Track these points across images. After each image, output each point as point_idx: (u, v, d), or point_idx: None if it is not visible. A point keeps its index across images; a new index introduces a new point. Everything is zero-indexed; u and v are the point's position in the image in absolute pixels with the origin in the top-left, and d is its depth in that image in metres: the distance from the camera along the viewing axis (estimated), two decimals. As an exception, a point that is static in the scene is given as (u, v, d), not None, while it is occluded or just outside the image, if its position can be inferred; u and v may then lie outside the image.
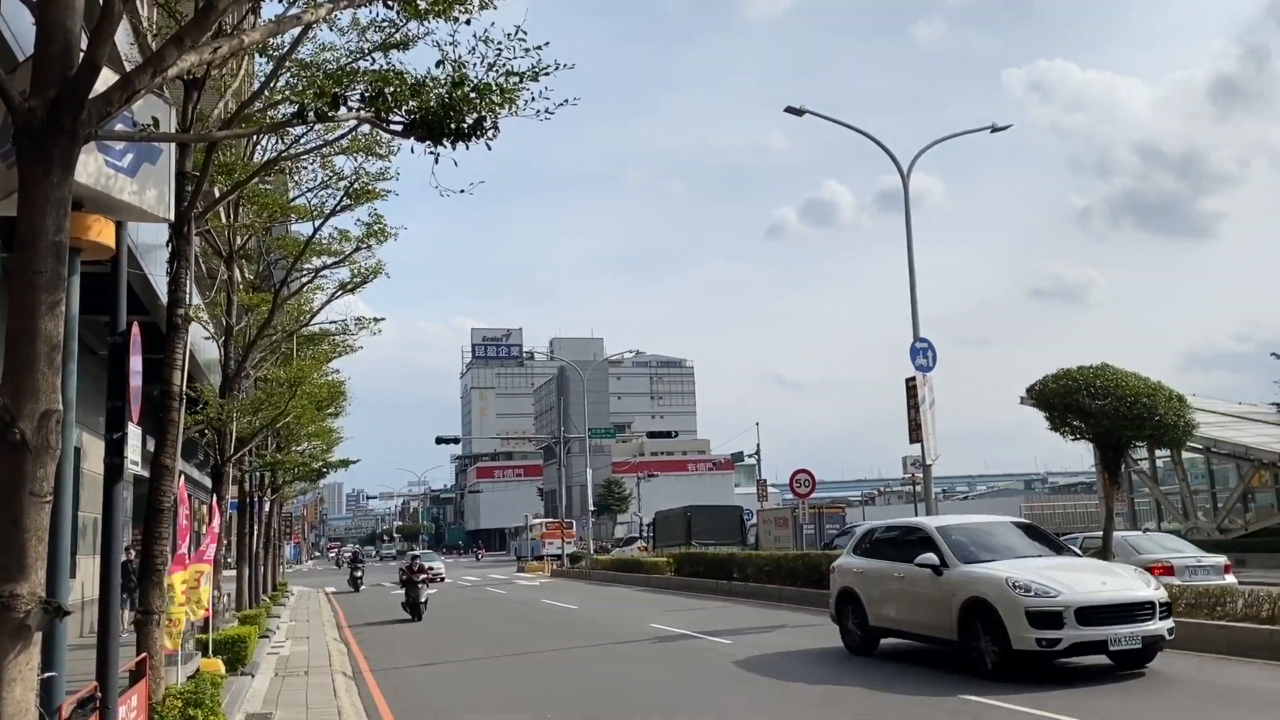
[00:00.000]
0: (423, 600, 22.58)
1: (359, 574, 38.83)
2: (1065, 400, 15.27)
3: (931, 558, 11.71)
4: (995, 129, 21.97)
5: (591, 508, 50.36)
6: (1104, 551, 15.40)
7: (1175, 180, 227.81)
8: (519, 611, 24.69)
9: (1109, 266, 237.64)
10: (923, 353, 19.30)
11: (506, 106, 6.75)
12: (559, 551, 52.23)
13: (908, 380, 19.30)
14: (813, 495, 30.91)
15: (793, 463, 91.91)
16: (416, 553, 28.24)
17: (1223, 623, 12.28)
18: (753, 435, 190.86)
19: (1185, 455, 37.81)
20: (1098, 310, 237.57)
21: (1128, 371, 15.56)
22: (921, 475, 20.67)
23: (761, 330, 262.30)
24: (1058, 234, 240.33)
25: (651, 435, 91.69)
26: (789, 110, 21.08)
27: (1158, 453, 39.34)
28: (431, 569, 22.68)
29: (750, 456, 76.10)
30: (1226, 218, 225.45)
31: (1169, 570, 16.15)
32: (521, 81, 6.91)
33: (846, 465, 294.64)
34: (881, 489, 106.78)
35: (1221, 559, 17.39)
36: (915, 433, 19.07)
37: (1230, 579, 16.27)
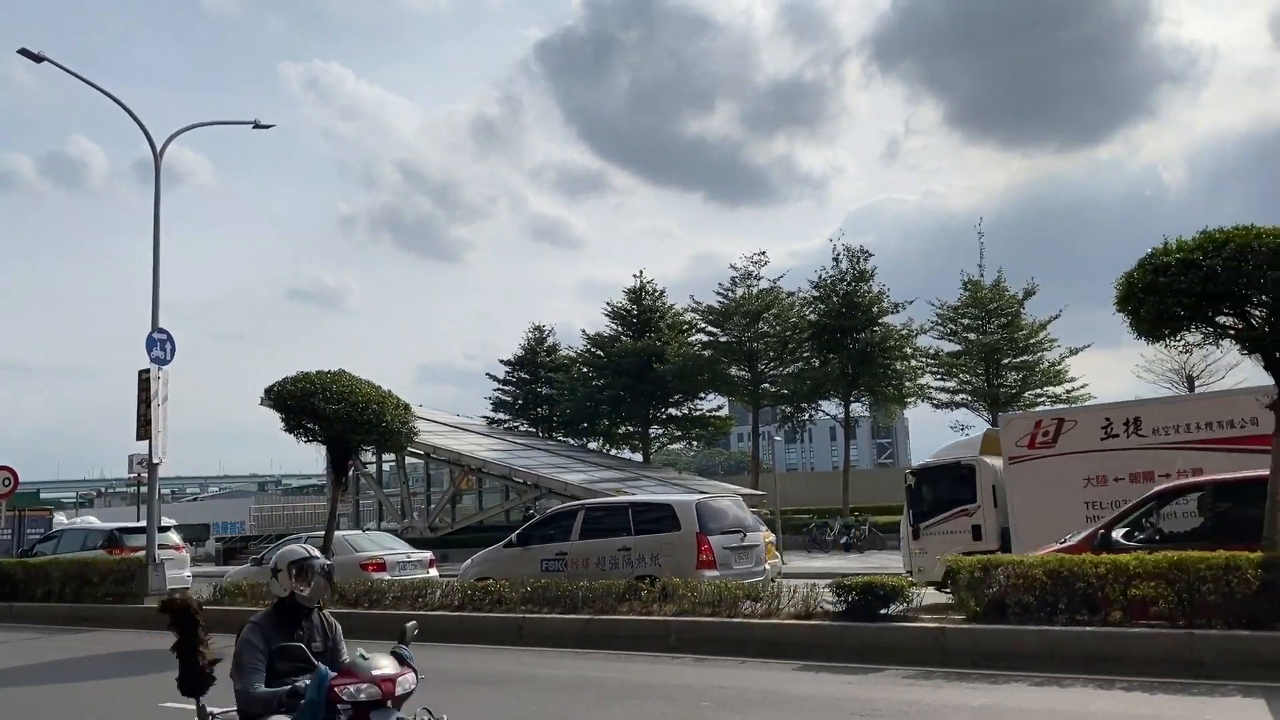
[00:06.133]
0: None
1: None
2: (301, 403, 15.54)
3: None
4: (258, 126, 21.49)
5: None
6: (325, 550, 15.97)
7: (433, 205, 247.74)
8: None
9: (367, 276, 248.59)
10: (160, 344, 18.18)
11: None
12: None
13: (141, 372, 18.06)
14: (14, 495, 27.04)
15: (3, 458, 79.22)
16: None
17: (423, 612, 13.55)
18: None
19: (409, 460, 41.44)
20: (354, 317, 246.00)
21: (362, 379, 16.41)
22: (148, 475, 19.36)
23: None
24: (323, 237, 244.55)
25: None
26: (24, 53, 18.36)
27: (385, 457, 42.49)
28: None
29: (-65, 450, 64.21)
30: (473, 247, 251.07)
31: (381, 566, 17.47)
32: None
33: (66, 463, 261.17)
34: (104, 489, 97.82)
35: (427, 555, 19.31)
36: (145, 429, 17.92)
37: (434, 572, 18.13)
